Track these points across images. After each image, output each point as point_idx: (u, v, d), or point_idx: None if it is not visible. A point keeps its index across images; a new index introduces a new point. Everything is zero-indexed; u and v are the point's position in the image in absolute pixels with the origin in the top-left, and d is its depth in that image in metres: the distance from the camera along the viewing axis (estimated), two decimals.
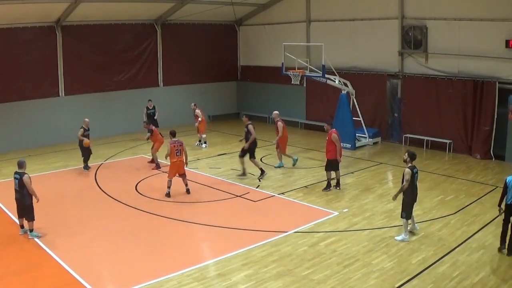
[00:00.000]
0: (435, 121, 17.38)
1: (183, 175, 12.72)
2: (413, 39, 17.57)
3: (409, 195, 9.59)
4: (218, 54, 24.12)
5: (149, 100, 19.56)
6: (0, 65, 17.52)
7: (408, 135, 18.20)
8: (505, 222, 9.19)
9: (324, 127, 13.37)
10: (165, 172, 14.82)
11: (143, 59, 21.60)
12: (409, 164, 9.65)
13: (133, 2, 18.97)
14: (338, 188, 12.96)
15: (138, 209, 11.59)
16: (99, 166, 15.60)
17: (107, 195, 12.75)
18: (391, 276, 8.19)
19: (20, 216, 10.14)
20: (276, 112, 15.40)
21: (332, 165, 12.87)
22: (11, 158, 16.81)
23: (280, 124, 14.98)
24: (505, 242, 9.06)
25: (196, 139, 18.86)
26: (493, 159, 15.96)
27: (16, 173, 10.07)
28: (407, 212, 9.64)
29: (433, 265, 8.56)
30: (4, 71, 17.60)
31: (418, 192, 9.81)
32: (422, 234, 9.95)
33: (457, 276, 8.14)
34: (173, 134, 12.81)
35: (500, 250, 9.15)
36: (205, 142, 18.49)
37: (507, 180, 9.25)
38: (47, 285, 8.10)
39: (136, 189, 13.26)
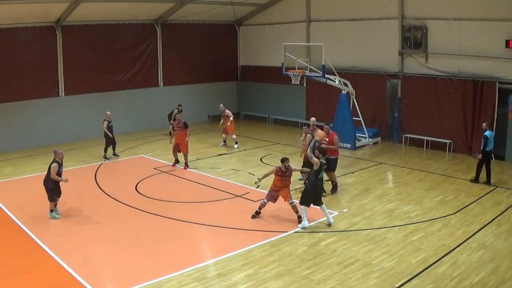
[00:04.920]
0: (435, 121, 17.38)
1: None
2: (413, 39, 17.58)
3: (311, 182, 10.40)
4: (218, 54, 24.11)
5: (180, 105, 19.37)
6: (0, 65, 17.52)
7: (408, 135, 18.21)
8: (481, 164, 13.26)
9: (325, 128, 12.63)
10: (169, 172, 14.86)
11: (143, 59, 21.59)
12: (321, 160, 10.47)
13: (133, 2, 18.96)
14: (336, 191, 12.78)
15: (138, 209, 11.59)
16: (99, 166, 15.60)
17: (107, 195, 12.75)
18: (391, 276, 8.19)
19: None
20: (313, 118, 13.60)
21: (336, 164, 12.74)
22: (11, 158, 16.85)
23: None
24: (479, 176, 13.32)
25: (221, 139, 18.63)
26: (493, 159, 15.92)
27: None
28: (304, 199, 10.43)
29: (433, 265, 8.56)
30: (4, 71, 17.59)
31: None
32: (422, 234, 9.95)
33: (457, 276, 8.13)
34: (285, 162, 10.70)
35: (472, 181, 13.34)
36: (236, 142, 18.20)
37: (488, 135, 13.00)
38: (47, 285, 8.09)
39: (136, 189, 13.26)
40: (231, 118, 17.93)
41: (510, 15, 15.04)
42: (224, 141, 18.49)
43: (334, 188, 12.75)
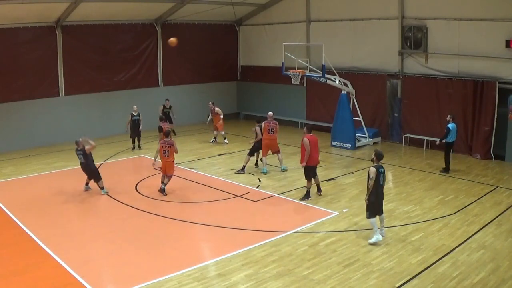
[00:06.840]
0: (435, 121, 17.37)
1: (169, 176, 12.77)
2: (413, 39, 17.58)
3: (373, 194, 9.43)
4: (218, 54, 24.12)
5: (167, 100, 20.10)
6: (0, 65, 17.51)
7: (408, 135, 18.21)
8: (447, 154, 14.32)
9: (305, 129, 12.49)
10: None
11: (143, 59, 21.60)
12: (375, 164, 9.52)
13: (133, 2, 18.96)
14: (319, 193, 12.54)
15: (138, 209, 11.59)
16: (99, 166, 15.57)
17: (107, 195, 12.75)
18: (391, 276, 8.19)
19: (89, 178, 12.92)
20: (270, 113, 15.14)
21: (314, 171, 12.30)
22: (11, 158, 16.85)
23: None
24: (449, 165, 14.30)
25: (211, 136, 19.24)
26: (493, 159, 15.95)
27: (77, 150, 12.63)
28: (370, 211, 9.50)
29: (433, 265, 8.56)
30: (4, 71, 17.58)
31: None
32: (422, 234, 9.95)
33: (457, 276, 8.14)
34: (166, 135, 12.97)
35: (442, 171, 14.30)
36: (225, 138, 18.99)
37: (450, 127, 13.94)
38: (47, 285, 8.09)
39: (136, 189, 13.27)
40: (221, 116, 18.52)
41: (510, 15, 15.03)
42: (215, 138, 18.95)
43: (318, 190, 12.58)
